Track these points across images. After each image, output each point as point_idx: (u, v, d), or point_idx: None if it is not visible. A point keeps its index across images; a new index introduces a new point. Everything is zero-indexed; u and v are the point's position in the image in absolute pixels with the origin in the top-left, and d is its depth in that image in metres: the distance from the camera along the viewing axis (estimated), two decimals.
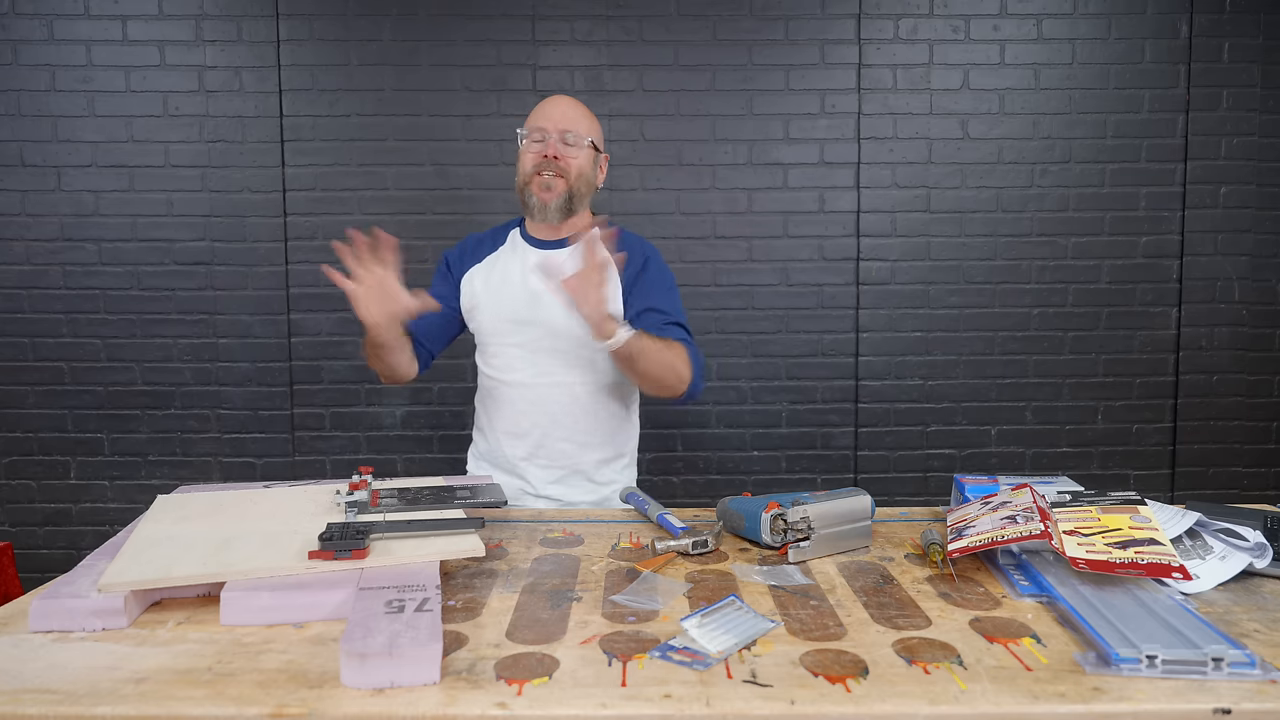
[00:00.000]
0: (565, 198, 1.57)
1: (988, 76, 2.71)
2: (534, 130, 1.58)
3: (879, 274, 2.76)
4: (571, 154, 1.57)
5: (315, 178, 2.68)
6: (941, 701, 0.73)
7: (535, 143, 1.57)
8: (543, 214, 1.58)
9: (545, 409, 1.60)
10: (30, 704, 0.72)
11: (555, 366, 1.59)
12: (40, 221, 2.65)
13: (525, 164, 1.58)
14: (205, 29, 2.63)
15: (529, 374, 1.60)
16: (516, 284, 1.61)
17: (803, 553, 1.13)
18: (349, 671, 0.75)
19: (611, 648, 0.84)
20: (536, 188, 1.57)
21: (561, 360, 1.58)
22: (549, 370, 1.59)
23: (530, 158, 1.57)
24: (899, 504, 1.61)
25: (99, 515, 2.72)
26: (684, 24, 2.68)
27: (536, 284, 1.57)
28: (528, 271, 1.59)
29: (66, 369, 2.69)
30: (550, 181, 1.56)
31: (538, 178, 1.56)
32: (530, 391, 1.60)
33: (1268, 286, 2.78)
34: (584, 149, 1.59)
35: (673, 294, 1.62)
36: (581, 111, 1.62)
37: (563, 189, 1.57)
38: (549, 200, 1.56)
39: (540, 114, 1.59)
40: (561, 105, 1.60)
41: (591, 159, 1.61)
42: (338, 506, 1.19)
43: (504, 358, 1.62)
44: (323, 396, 2.73)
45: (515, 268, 1.62)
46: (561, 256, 1.58)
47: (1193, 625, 0.84)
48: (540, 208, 1.57)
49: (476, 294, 1.64)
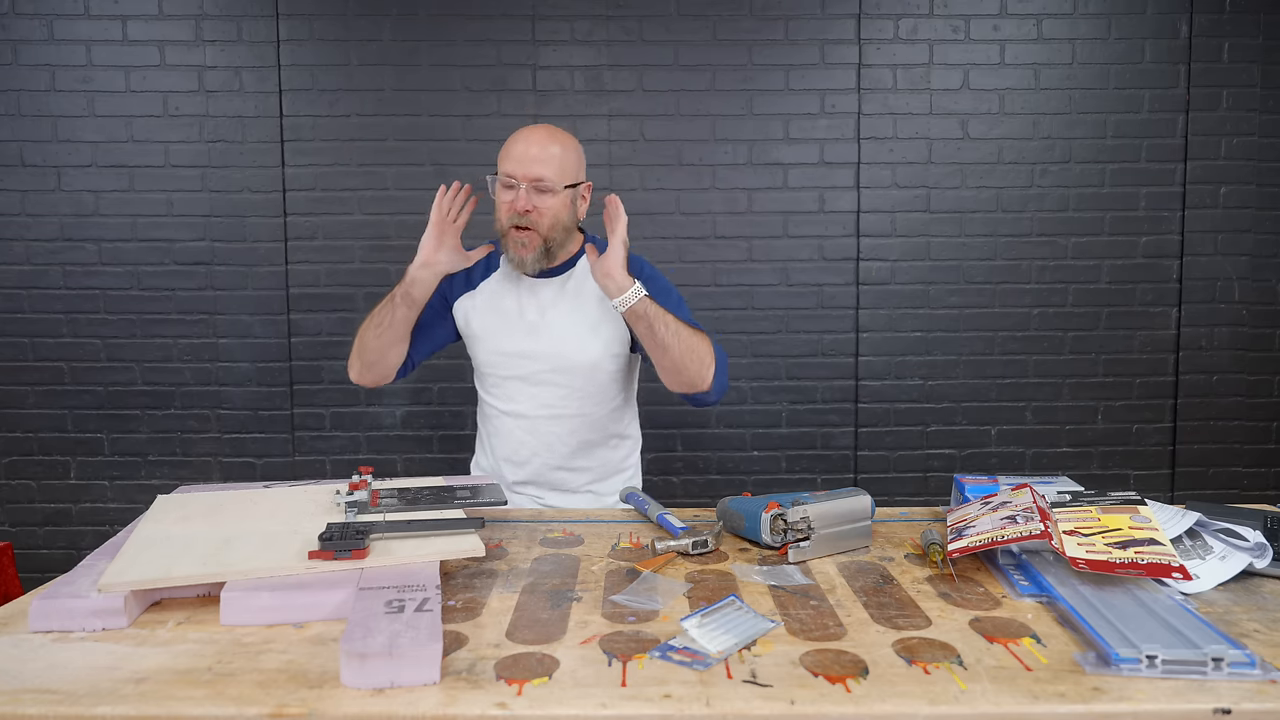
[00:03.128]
0: (541, 251, 1.52)
1: (988, 76, 2.71)
2: (504, 176, 1.50)
3: (879, 274, 2.76)
4: (544, 203, 1.49)
5: (315, 178, 2.68)
6: (941, 701, 0.73)
7: (506, 189, 1.50)
8: (520, 267, 1.53)
9: (544, 440, 1.60)
10: (30, 704, 0.72)
11: (555, 399, 1.58)
12: (40, 221, 2.65)
13: (500, 213, 1.52)
14: (205, 29, 2.63)
15: (528, 406, 1.59)
16: (514, 317, 1.58)
17: (803, 553, 1.13)
18: (349, 671, 0.75)
19: (611, 648, 0.84)
20: (512, 244, 1.51)
21: (562, 393, 1.57)
22: (549, 403, 1.58)
23: (504, 208, 1.51)
24: (899, 504, 1.61)
25: (99, 515, 2.72)
26: (684, 24, 2.68)
27: (534, 316, 1.57)
28: (524, 305, 1.58)
29: (66, 369, 2.69)
30: (524, 238, 1.50)
31: (513, 232, 1.50)
32: (530, 423, 1.60)
33: (1268, 286, 2.78)
34: (558, 194, 1.50)
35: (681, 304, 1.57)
36: (554, 149, 1.50)
37: (537, 243, 1.51)
38: (525, 255, 1.51)
39: (510, 157, 1.50)
40: (533, 147, 1.49)
41: (567, 201, 1.53)
42: (338, 506, 1.19)
43: (504, 389, 1.61)
44: (323, 396, 2.73)
45: (510, 300, 1.59)
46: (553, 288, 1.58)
47: (1193, 625, 0.84)
48: (518, 262, 1.53)
49: (471, 326, 1.61)
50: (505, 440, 1.63)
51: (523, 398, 1.59)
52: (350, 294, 2.70)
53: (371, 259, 2.70)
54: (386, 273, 2.70)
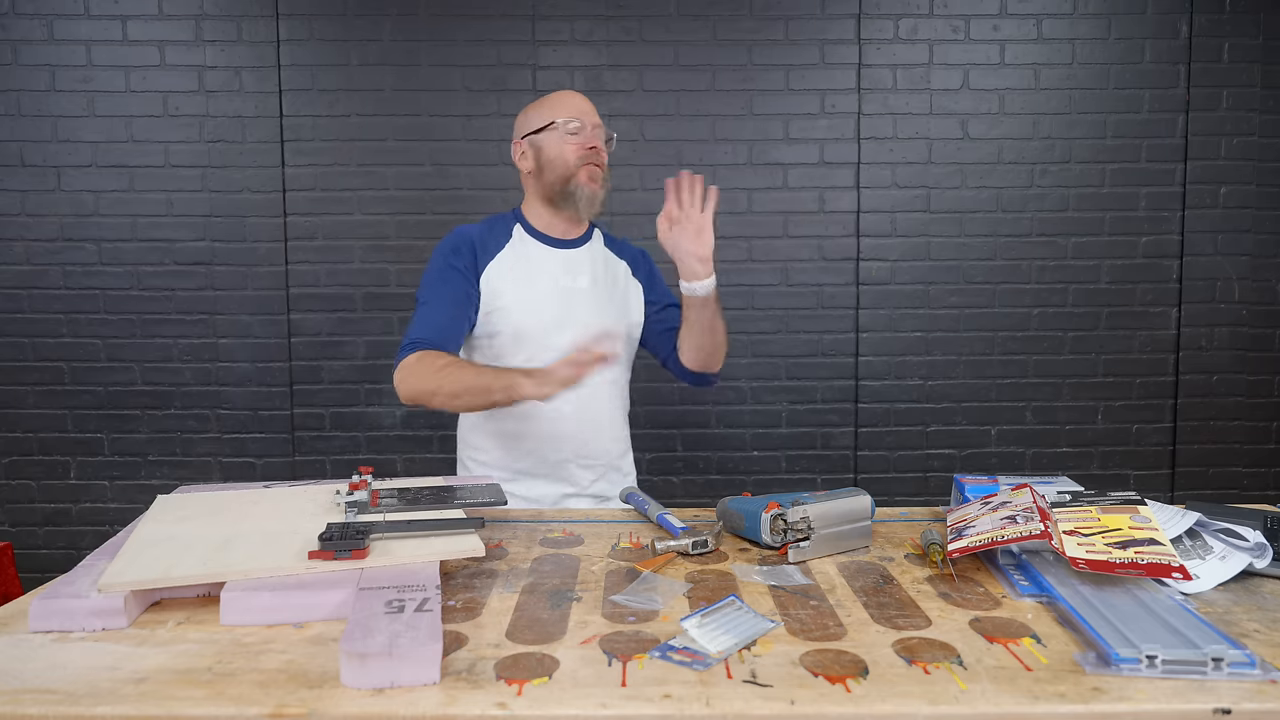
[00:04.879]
0: (605, 190, 1.57)
1: (988, 76, 2.71)
2: (571, 118, 1.54)
3: (879, 274, 2.76)
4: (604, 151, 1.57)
5: (315, 178, 2.68)
6: (941, 701, 0.73)
7: (572, 135, 1.53)
8: (590, 205, 1.55)
9: (588, 410, 1.58)
10: (30, 704, 0.72)
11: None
12: (40, 221, 2.65)
13: (568, 155, 1.53)
14: (205, 29, 2.63)
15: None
16: (547, 285, 1.55)
17: (803, 553, 1.13)
18: (349, 671, 0.75)
19: (611, 648, 0.84)
20: (586, 178, 1.53)
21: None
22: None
23: (573, 149, 1.53)
24: (899, 504, 1.61)
25: (99, 515, 2.72)
26: (684, 24, 2.68)
27: (568, 283, 1.56)
28: (555, 273, 1.57)
29: (66, 369, 2.69)
30: (598, 174, 1.54)
31: (588, 169, 1.53)
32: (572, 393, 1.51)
33: (1268, 286, 2.78)
34: (608, 148, 1.58)
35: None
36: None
37: (604, 180, 1.56)
38: (598, 190, 1.55)
39: (571, 105, 1.56)
40: (584, 102, 1.58)
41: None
42: (338, 506, 1.19)
43: (541, 362, 1.50)
44: (323, 396, 2.73)
45: (539, 267, 1.57)
46: (582, 255, 1.59)
47: (1193, 625, 0.84)
48: (590, 198, 1.54)
49: (501, 295, 1.54)
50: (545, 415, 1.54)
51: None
52: (350, 294, 2.70)
53: (371, 259, 2.70)
54: (386, 273, 2.70)
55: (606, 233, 1.70)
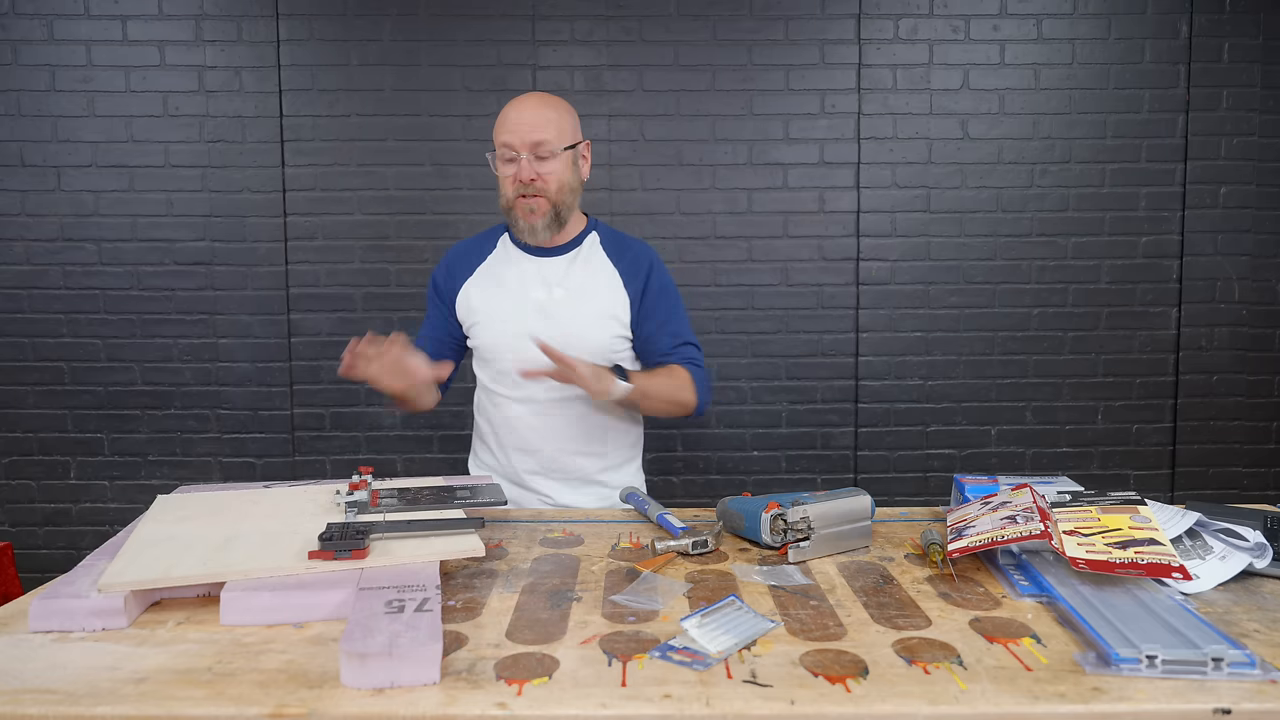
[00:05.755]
0: (551, 215, 1.51)
1: (988, 76, 2.71)
2: (502, 148, 1.49)
3: (879, 274, 2.76)
4: (547, 169, 1.48)
5: (315, 178, 2.68)
6: (941, 701, 0.73)
7: (507, 163, 1.49)
8: (532, 236, 1.53)
9: (555, 425, 1.57)
10: (30, 704, 0.72)
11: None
12: (40, 221, 2.65)
13: (504, 188, 1.51)
14: (205, 29, 2.63)
15: (538, 389, 1.55)
16: (517, 297, 1.56)
17: (803, 553, 1.13)
18: (349, 671, 0.75)
19: (611, 648, 0.84)
20: (521, 213, 1.50)
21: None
22: (559, 385, 1.52)
23: (507, 182, 1.50)
24: (899, 504, 1.61)
25: (99, 515, 2.72)
26: (684, 24, 2.68)
27: (540, 295, 1.55)
28: (528, 283, 1.57)
29: (66, 369, 2.69)
30: (533, 204, 1.49)
31: (520, 201, 1.49)
32: (540, 407, 1.57)
33: (1268, 286, 2.78)
34: (559, 157, 1.49)
35: (679, 306, 1.61)
36: (549, 112, 1.50)
37: (546, 208, 1.50)
38: (536, 221, 1.51)
39: (506, 128, 1.49)
40: (526, 114, 1.49)
41: (569, 163, 1.52)
42: (338, 506, 1.19)
43: (513, 374, 1.55)
44: (323, 396, 2.73)
45: (513, 279, 1.58)
46: (560, 265, 1.57)
47: (1193, 625, 0.84)
48: (529, 230, 1.52)
49: (475, 310, 1.59)
50: (515, 427, 1.59)
51: (532, 380, 1.52)
52: (350, 294, 2.70)
53: (371, 259, 2.70)
54: (386, 273, 2.70)
55: (611, 231, 1.64)
